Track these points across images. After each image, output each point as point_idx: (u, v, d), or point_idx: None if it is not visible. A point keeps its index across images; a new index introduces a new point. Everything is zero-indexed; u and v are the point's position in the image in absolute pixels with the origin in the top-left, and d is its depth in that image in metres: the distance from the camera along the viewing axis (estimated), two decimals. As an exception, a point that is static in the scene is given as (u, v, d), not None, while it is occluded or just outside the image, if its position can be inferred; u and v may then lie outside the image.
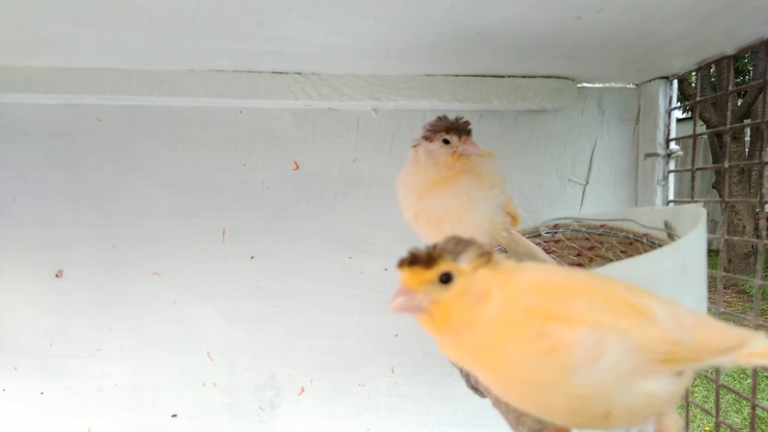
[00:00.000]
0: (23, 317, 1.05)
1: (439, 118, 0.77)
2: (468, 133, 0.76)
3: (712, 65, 0.90)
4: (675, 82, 1.01)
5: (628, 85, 1.07)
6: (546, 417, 0.48)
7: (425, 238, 0.81)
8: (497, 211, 0.77)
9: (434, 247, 0.47)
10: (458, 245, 0.47)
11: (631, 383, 0.44)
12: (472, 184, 0.76)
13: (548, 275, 0.49)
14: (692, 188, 0.94)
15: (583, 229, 0.92)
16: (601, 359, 0.43)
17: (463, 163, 0.76)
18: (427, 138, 0.77)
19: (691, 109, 1.07)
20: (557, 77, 1.01)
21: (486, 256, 0.47)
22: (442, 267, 0.46)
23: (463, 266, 0.46)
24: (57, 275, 1.05)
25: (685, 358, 0.45)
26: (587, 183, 1.07)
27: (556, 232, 0.95)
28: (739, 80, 8.03)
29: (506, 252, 0.85)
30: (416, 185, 0.79)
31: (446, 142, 0.75)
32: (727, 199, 0.88)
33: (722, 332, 0.47)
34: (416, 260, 0.46)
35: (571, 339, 0.43)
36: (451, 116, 0.81)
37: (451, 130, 0.75)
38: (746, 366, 0.48)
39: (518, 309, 0.45)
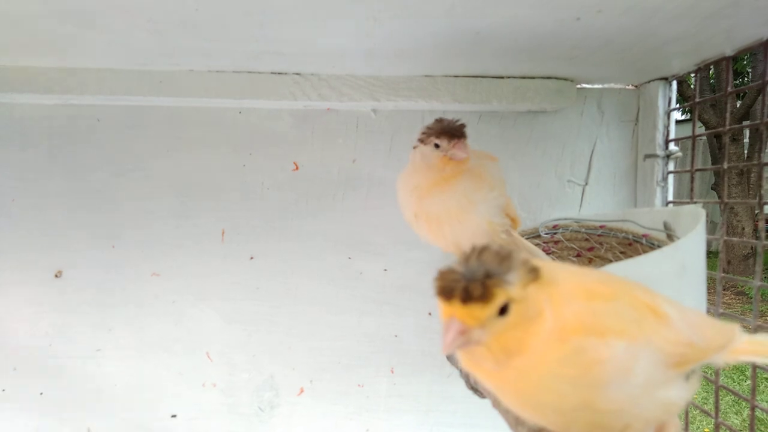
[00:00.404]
0: (23, 318, 1.05)
1: (437, 121, 0.76)
2: (459, 136, 0.74)
3: (711, 66, 0.90)
4: (674, 84, 1.01)
5: (627, 86, 1.07)
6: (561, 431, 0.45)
7: (425, 238, 0.81)
8: (497, 212, 0.77)
9: (486, 275, 0.40)
10: (504, 263, 0.41)
11: (654, 393, 0.43)
12: (471, 186, 0.76)
13: (580, 281, 0.46)
14: (691, 189, 0.94)
15: (583, 230, 0.92)
16: (632, 373, 0.42)
17: (454, 166, 0.75)
18: (422, 141, 0.77)
19: (690, 111, 1.07)
20: (557, 78, 1.01)
21: (534, 271, 0.42)
22: (500, 299, 0.40)
23: (515, 289, 0.40)
24: (56, 276, 1.05)
25: (695, 358, 0.45)
26: (586, 184, 1.08)
27: (555, 233, 0.95)
28: (738, 82, 8.03)
29: None
30: (416, 186, 0.79)
31: (437, 146, 0.75)
32: (726, 201, 0.88)
33: (718, 328, 0.48)
34: (470, 296, 0.39)
35: (606, 355, 0.41)
36: (452, 117, 0.81)
37: (442, 133, 0.74)
38: (731, 362, 0.49)
39: (558, 325, 0.41)
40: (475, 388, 0.81)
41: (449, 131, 0.74)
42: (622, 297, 0.45)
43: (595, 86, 1.07)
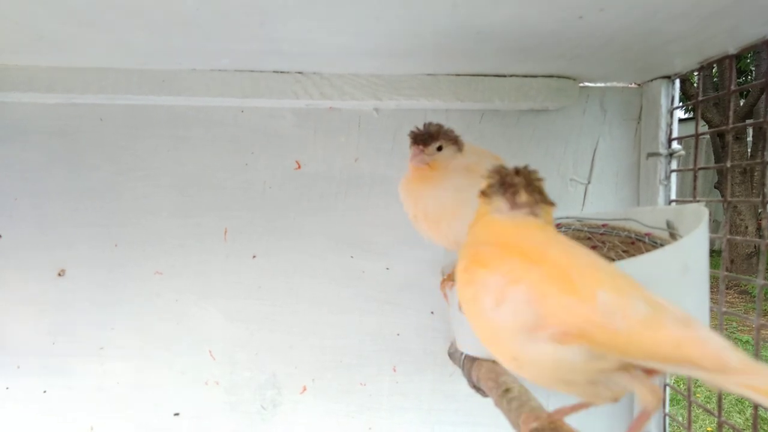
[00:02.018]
0: (25, 316, 1.05)
1: (424, 124, 0.78)
2: (419, 143, 0.76)
3: (714, 65, 0.90)
4: (677, 82, 1.01)
5: (630, 85, 1.07)
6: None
7: (428, 237, 0.82)
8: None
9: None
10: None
11: (531, 337, 0.47)
12: (464, 183, 0.75)
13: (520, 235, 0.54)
14: (694, 188, 0.94)
15: (585, 229, 0.92)
16: (503, 304, 0.49)
17: (425, 170, 0.77)
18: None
19: (693, 109, 1.07)
20: (559, 77, 1.00)
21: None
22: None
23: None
24: (59, 274, 1.06)
25: (605, 343, 0.45)
26: (589, 182, 1.07)
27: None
28: (741, 80, 8.01)
29: None
30: (412, 187, 0.80)
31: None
32: (729, 199, 0.88)
33: (674, 341, 0.44)
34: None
35: (484, 280, 0.51)
36: (455, 116, 0.81)
37: (410, 137, 0.77)
38: (733, 392, 0.44)
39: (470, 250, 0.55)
40: (478, 387, 0.81)
41: (414, 136, 0.76)
42: (540, 257, 0.50)
43: (598, 85, 1.07)
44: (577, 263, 0.50)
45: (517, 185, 0.54)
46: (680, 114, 1.03)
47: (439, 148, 0.77)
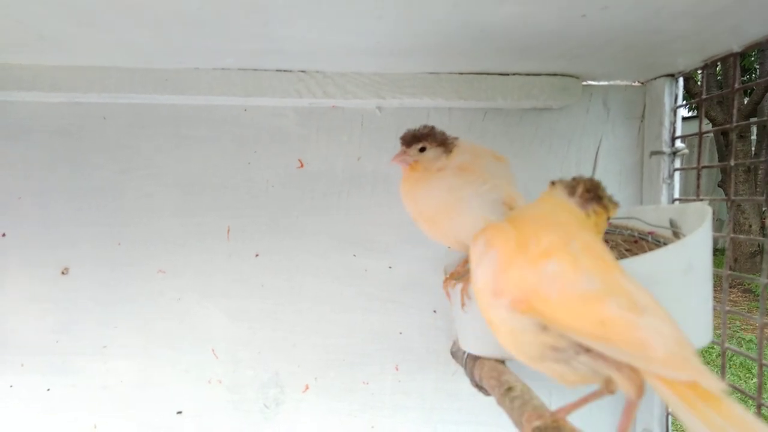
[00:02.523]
0: (29, 315, 1.06)
1: (419, 127, 0.80)
2: (404, 143, 0.79)
3: (718, 63, 0.89)
4: (680, 80, 1.00)
5: (633, 83, 1.07)
6: None
7: (429, 235, 0.82)
8: (493, 208, 0.75)
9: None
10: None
11: (495, 302, 0.51)
12: (458, 181, 0.75)
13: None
14: (698, 186, 0.94)
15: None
16: (479, 267, 0.54)
17: (407, 171, 0.79)
18: None
19: (697, 108, 1.06)
20: (562, 75, 1.00)
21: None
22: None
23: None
24: (62, 273, 1.06)
25: (540, 312, 0.47)
26: (592, 181, 1.07)
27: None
28: (745, 78, 7.98)
29: None
30: (407, 189, 0.81)
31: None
32: (733, 198, 0.88)
33: (600, 318, 0.44)
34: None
35: (476, 243, 0.57)
36: (457, 114, 0.81)
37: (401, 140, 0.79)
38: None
39: None
40: (480, 386, 0.81)
41: (401, 138, 0.79)
42: (526, 222, 0.56)
43: (601, 83, 1.06)
44: (553, 237, 0.51)
45: (579, 182, 0.59)
46: (684, 112, 1.03)
47: (422, 150, 0.78)
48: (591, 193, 0.58)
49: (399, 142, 0.79)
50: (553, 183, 0.62)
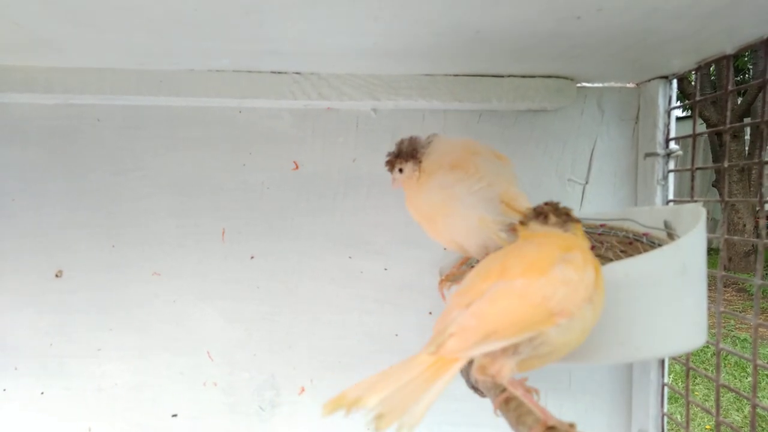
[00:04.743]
0: (23, 317, 1.05)
1: (398, 142, 0.84)
2: (390, 169, 0.84)
3: (712, 64, 0.90)
4: (674, 82, 1.01)
5: (627, 85, 1.07)
6: None
7: (429, 235, 0.82)
8: (489, 206, 0.75)
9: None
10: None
11: None
12: (450, 179, 0.76)
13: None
14: (692, 188, 0.94)
15: (583, 229, 0.92)
16: None
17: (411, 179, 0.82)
18: None
19: (691, 108, 1.07)
20: (557, 77, 1.00)
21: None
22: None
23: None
24: (57, 275, 1.05)
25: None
26: (587, 183, 1.07)
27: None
28: (738, 79, 8.02)
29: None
30: (408, 193, 0.83)
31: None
32: (726, 199, 0.88)
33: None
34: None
35: None
36: (452, 116, 0.80)
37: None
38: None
39: None
40: (476, 387, 0.81)
41: (386, 165, 0.84)
42: None
43: (596, 85, 1.07)
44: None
45: (546, 211, 0.64)
46: (678, 112, 1.03)
47: (401, 170, 0.82)
48: (561, 214, 0.64)
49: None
50: (522, 222, 0.66)
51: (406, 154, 0.81)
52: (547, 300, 0.53)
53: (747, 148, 6.51)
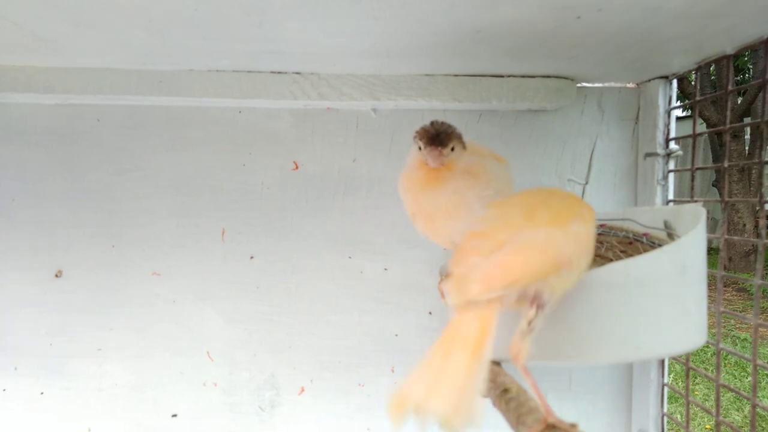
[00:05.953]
0: (23, 317, 1.05)
1: (431, 123, 0.76)
2: (437, 144, 0.74)
3: (712, 64, 0.90)
4: (674, 82, 1.01)
5: (627, 85, 1.07)
6: None
7: (424, 235, 0.82)
8: None
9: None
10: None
11: None
12: (463, 184, 0.75)
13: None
14: (692, 188, 0.94)
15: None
16: None
17: (439, 170, 0.75)
18: (414, 140, 0.77)
19: (691, 108, 1.07)
20: (557, 77, 1.00)
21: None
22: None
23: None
24: (56, 275, 1.06)
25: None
26: (587, 183, 1.07)
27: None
28: (738, 78, 8.02)
29: None
30: (411, 185, 0.80)
31: (420, 148, 0.75)
32: (726, 199, 0.88)
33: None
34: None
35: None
36: (453, 117, 0.79)
37: (424, 137, 0.74)
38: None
39: None
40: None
41: (430, 137, 0.74)
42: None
43: (596, 85, 1.07)
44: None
45: None
46: (678, 112, 1.03)
47: (452, 149, 0.76)
48: None
49: (424, 143, 0.74)
50: None
51: (460, 136, 0.76)
52: (561, 254, 0.56)
53: (747, 148, 6.51)
